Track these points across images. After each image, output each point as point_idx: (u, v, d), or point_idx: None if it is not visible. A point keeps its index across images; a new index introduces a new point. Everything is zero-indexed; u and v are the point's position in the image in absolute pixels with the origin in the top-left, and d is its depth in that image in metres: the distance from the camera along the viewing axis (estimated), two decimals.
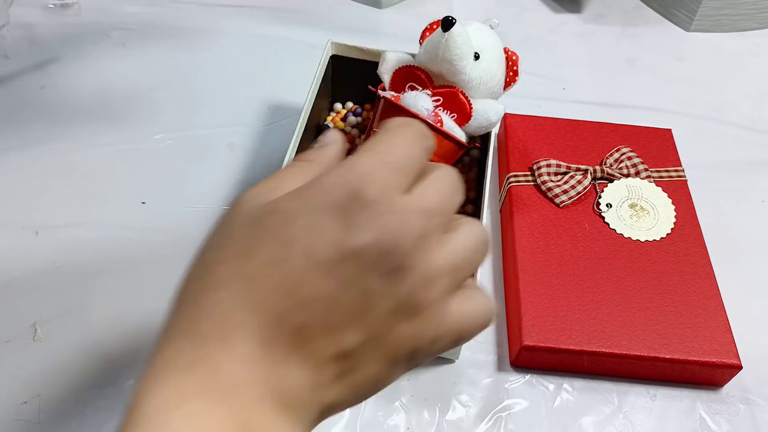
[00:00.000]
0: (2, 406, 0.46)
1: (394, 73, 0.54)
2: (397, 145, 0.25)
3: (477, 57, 0.52)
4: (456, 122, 0.52)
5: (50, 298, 0.53)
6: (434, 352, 0.26)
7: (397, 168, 0.24)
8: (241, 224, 0.24)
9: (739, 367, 0.49)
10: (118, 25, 0.79)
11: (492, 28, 0.54)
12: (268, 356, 0.23)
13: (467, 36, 0.51)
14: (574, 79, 0.77)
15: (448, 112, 0.52)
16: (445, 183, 0.25)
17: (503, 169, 0.63)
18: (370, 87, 0.55)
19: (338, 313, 0.23)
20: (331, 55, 0.62)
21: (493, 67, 0.53)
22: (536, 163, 0.60)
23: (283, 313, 0.23)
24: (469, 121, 0.52)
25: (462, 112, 0.52)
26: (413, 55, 0.54)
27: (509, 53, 0.55)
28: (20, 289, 0.53)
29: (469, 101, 0.52)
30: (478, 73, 0.52)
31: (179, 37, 0.78)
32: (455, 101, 0.52)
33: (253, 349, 0.22)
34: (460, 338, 0.26)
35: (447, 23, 0.50)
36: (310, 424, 0.24)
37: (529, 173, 0.60)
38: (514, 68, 0.55)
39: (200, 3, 0.83)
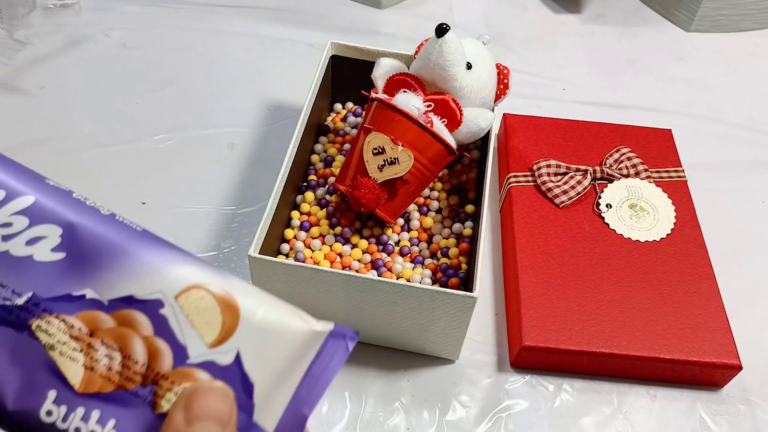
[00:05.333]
0: None
1: (387, 80, 0.55)
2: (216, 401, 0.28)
3: (469, 67, 0.53)
4: (446, 127, 0.53)
5: None
6: None
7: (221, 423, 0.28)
8: None
9: (739, 368, 0.49)
10: (118, 25, 0.79)
11: (484, 44, 0.55)
12: None
13: (460, 43, 0.52)
14: (574, 79, 0.77)
15: (440, 117, 0.52)
16: None
17: (503, 169, 0.63)
18: (363, 92, 0.56)
19: None
20: (331, 55, 0.62)
21: (485, 78, 0.54)
22: (536, 163, 0.60)
23: None
24: (459, 127, 0.53)
25: (452, 118, 0.53)
26: (409, 58, 0.54)
27: (500, 67, 0.56)
28: None
29: (459, 108, 0.53)
30: (470, 82, 0.53)
31: (179, 37, 0.78)
32: (446, 108, 0.53)
33: None
34: None
35: (441, 30, 0.51)
36: None
37: (529, 173, 0.60)
38: (505, 81, 0.56)
39: (200, 3, 0.83)
